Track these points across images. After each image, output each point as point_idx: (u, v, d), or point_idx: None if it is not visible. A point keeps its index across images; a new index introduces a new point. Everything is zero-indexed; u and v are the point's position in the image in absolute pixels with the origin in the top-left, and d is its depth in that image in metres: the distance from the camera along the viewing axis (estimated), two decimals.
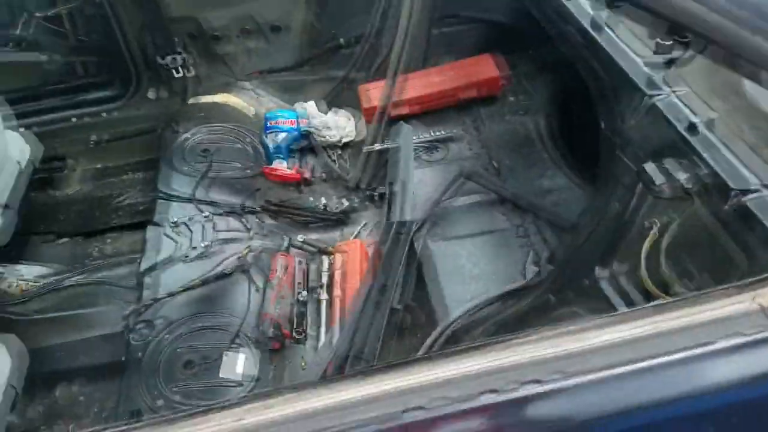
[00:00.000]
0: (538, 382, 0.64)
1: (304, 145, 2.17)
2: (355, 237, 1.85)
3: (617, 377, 0.63)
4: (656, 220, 0.89)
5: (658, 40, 0.94)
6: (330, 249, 1.81)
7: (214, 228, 1.81)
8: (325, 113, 2.23)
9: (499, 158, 1.83)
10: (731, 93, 0.87)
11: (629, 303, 0.98)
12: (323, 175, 2.11)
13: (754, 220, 0.73)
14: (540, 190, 1.74)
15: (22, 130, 2.08)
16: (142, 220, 2.20)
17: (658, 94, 0.92)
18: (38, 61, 2.26)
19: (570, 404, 0.65)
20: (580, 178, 1.78)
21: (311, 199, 1.98)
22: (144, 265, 1.74)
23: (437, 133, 1.92)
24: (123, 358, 1.59)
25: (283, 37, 2.33)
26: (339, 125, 2.18)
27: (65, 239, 2.16)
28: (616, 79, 0.98)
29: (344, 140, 2.17)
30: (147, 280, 1.71)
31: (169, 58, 2.21)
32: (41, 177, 2.24)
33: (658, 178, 0.84)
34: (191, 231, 1.81)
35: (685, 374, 0.64)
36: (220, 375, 1.50)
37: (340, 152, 2.17)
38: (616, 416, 0.64)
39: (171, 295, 1.63)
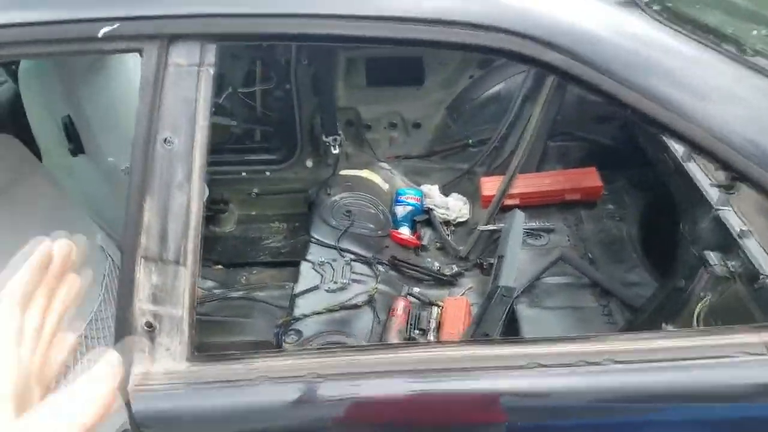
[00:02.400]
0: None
1: (424, 218, 2.66)
2: (461, 296, 2.25)
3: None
4: (709, 292, 1.24)
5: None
6: (439, 302, 2.22)
7: (351, 270, 2.27)
8: (446, 196, 2.72)
9: (593, 251, 2.20)
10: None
11: None
12: (437, 244, 2.57)
13: None
14: (626, 282, 2.07)
15: None
16: (283, 260, 2.75)
17: (722, 209, 1.31)
18: (228, 125, 2.94)
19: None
20: (659, 277, 2.11)
21: (428, 260, 2.42)
22: (297, 290, 2.21)
23: (542, 224, 2.33)
24: None
25: (421, 132, 2.90)
26: (455, 207, 2.65)
27: (219, 266, 2.73)
28: (695, 196, 1.39)
29: (458, 220, 2.64)
30: (298, 301, 2.17)
31: (330, 138, 2.80)
32: (207, 215, 2.85)
33: (713, 261, 1.21)
34: (333, 270, 2.28)
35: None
36: None
37: (453, 228, 2.63)
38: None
39: (316, 313, 2.08)
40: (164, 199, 1.03)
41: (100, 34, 0.98)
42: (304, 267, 2.32)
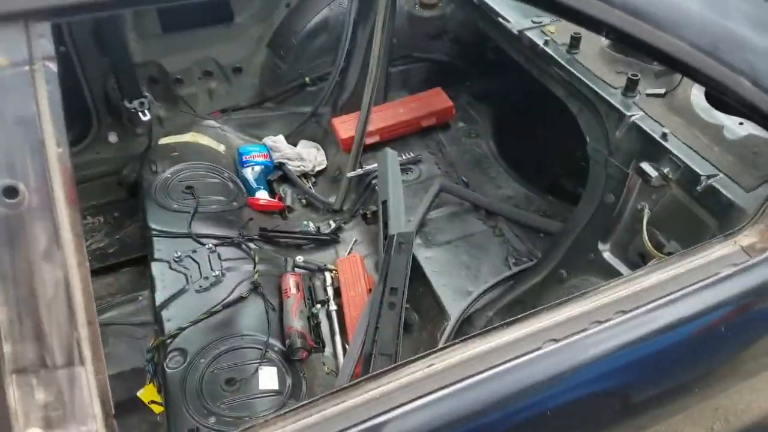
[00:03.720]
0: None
1: (279, 175, 2.37)
2: (350, 252, 2.08)
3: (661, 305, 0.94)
4: (645, 203, 1.25)
5: (629, 75, 1.33)
6: (330, 266, 2.02)
7: (219, 258, 1.93)
8: (294, 145, 2.44)
9: (465, 174, 2.17)
10: (679, 113, 1.27)
11: (631, 266, 1.34)
12: (302, 201, 2.32)
13: (720, 194, 1.11)
14: (502, 197, 2.09)
15: None
16: (114, 263, 2.25)
17: (634, 114, 1.30)
18: None
19: (630, 334, 0.94)
20: (528, 184, 2.17)
21: (304, 222, 2.17)
22: (159, 299, 1.81)
23: (407, 156, 2.22)
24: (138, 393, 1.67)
25: (244, 78, 2.51)
26: (310, 156, 2.40)
27: None
28: (600, 105, 1.36)
29: (316, 169, 2.40)
30: (164, 313, 1.78)
31: (136, 102, 2.26)
32: None
33: (653, 173, 1.20)
34: (197, 263, 1.90)
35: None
36: (260, 387, 1.64)
37: (314, 180, 2.39)
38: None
39: (195, 322, 1.72)
40: (27, 281, 0.65)
41: None
42: (157, 269, 1.90)
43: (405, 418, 0.82)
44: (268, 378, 1.67)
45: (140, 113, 2.29)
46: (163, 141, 2.33)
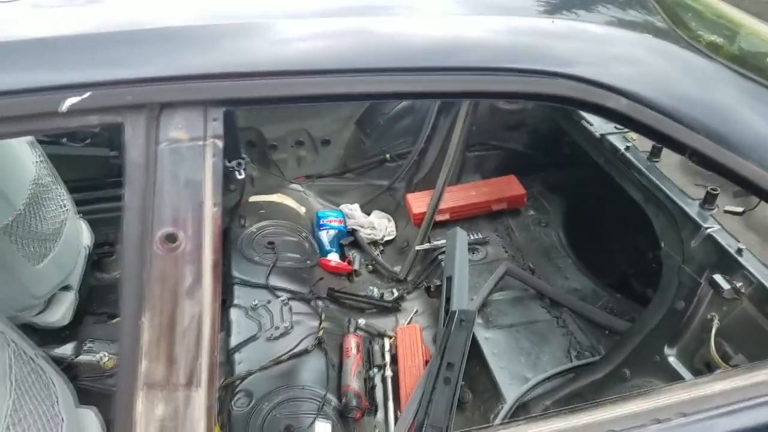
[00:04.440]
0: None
1: (350, 240, 2.51)
2: (409, 322, 2.16)
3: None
4: (716, 314, 1.29)
5: (709, 189, 1.40)
6: (389, 333, 2.10)
7: (290, 311, 2.06)
8: (368, 214, 2.60)
9: (532, 261, 2.24)
10: (756, 231, 1.33)
11: (696, 373, 1.35)
12: (369, 267, 2.44)
13: None
14: (569, 289, 2.13)
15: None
16: None
17: (710, 227, 1.36)
18: (106, 156, 2.50)
19: None
20: (596, 279, 2.20)
21: (369, 287, 2.28)
22: (233, 342, 1.94)
23: (475, 236, 2.31)
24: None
25: (331, 149, 2.74)
26: (381, 226, 2.54)
27: (118, 319, 2.31)
28: (677, 214, 1.43)
29: (385, 238, 2.53)
30: (236, 356, 1.90)
31: (234, 162, 2.51)
32: (93, 260, 2.41)
33: (725, 285, 1.25)
34: (270, 313, 2.04)
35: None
36: None
37: (382, 248, 2.52)
38: None
39: (264, 368, 1.84)
40: (169, 312, 0.78)
41: (63, 108, 0.71)
42: (235, 314, 2.04)
43: None
44: None
45: (236, 172, 2.53)
46: (252, 199, 2.55)
